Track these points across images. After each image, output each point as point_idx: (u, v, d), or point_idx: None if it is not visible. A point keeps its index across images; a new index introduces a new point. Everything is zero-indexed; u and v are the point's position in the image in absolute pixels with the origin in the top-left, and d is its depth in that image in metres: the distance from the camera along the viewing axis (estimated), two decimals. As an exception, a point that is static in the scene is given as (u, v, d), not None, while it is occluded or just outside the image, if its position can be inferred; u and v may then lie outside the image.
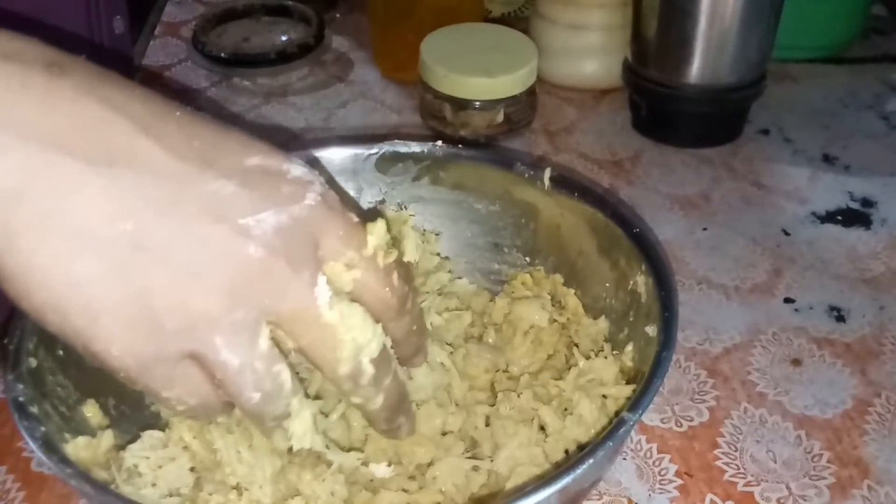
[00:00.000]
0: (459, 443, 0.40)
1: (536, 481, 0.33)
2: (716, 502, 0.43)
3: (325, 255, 0.31)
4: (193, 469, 0.38)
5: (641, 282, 0.42)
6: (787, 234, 0.59)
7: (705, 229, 0.59)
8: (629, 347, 0.42)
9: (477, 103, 0.63)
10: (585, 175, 0.64)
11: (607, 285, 0.45)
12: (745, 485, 0.44)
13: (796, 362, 0.50)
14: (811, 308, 0.53)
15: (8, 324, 0.37)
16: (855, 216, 0.60)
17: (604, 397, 0.40)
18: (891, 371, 0.49)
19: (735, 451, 0.45)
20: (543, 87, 0.70)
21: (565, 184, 0.46)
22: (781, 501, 0.43)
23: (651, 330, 0.40)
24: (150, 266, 0.28)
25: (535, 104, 0.67)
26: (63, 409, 0.36)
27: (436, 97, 0.64)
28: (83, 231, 0.27)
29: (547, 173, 0.46)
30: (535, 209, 0.48)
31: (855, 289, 0.55)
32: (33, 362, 0.36)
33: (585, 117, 0.70)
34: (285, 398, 0.31)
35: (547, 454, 0.39)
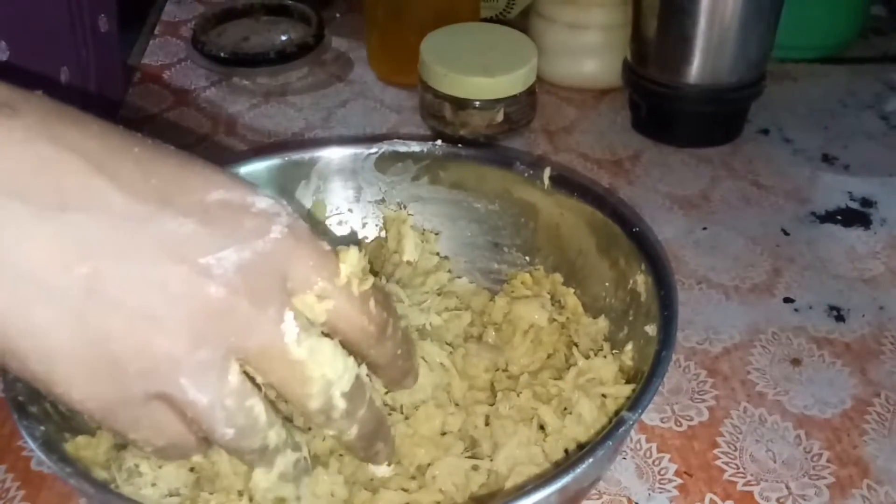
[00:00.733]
0: (459, 442, 0.40)
1: (536, 480, 0.33)
2: (715, 502, 0.43)
3: (296, 288, 0.30)
4: (193, 469, 0.38)
5: (641, 281, 0.42)
6: (787, 234, 0.59)
7: (705, 229, 0.59)
8: (629, 347, 0.42)
9: (477, 103, 0.63)
10: (585, 175, 0.64)
11: (607, 284, 0.45)
12: (745, 484, 0.44)
13: (796, 362, 0.50)
14: (811, 308, 0.53)
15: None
16: (854, 216, 0.60)
17: (603, 396, 0.40)
18: (890, 371, 0.49)
19: (735, 451, 0.45)
20: (543, 87, 0.71)
21: (565, 183, 0.46)
22: (781, 501, 0.43)
23: (651, 329, 0.40)
24: (107, 311, 0.27)
25: (535, 104, 0.67)
26: (62, 409, 0.36)
27: (435, 97, 0.64)
28: (36, 278, 0.26)
29: (546, 173, 0.46)
30: (535, 209, 0.48)
31: (854, 288, 0.55)
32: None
33: (585, 117, 0.70)
34: (261, 431, 0.31)
35: (546, 453, 0.39)
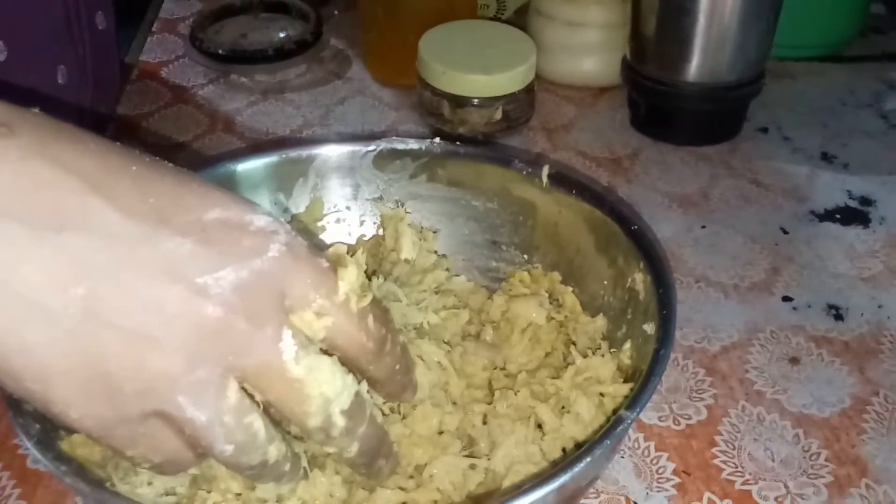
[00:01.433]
0: (456, 441, 0.40)
1: (534, 479, 0.33)
2: (713, 501, 0.43)
3: (294, 306, 0.30)
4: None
5: (639, 279, 0.42)
6: (786, 233, 0.59)
7: (704, 227, 0.59)
8: (627, 345, 0.42)
9: (475, 100, 0.63)
10: (584, 173, 0.64)
11: (605, 283, 0.45)
12: (743, 483, 0.43)
13: (794, 361, 0.50)
14: (809, 306, 0.53)
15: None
16: (853, 214, 0.60)
17: (601, 395, 0.40)
18: (889, 369, 0.49)
19: (733, 450, 0.45)
20: (542, 85, 0.70)
21: (563, 181, 0.46)
22: (779, 500, 0.43)
23: (649, 328, 0.40)
24: (103, 331, 0.27)
25: (534, 101, 0.67)
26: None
27: (434, 94, 0.64)
28: (32, 299, 0.27)
29: (545, 171, 0.46)
30: (533, 207, 0.48)
31: (853, 287, 0.55)
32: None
33: (584, 115, 0.70)
34: (260, 447, 0.31)
35: (544, 452, 0.39)
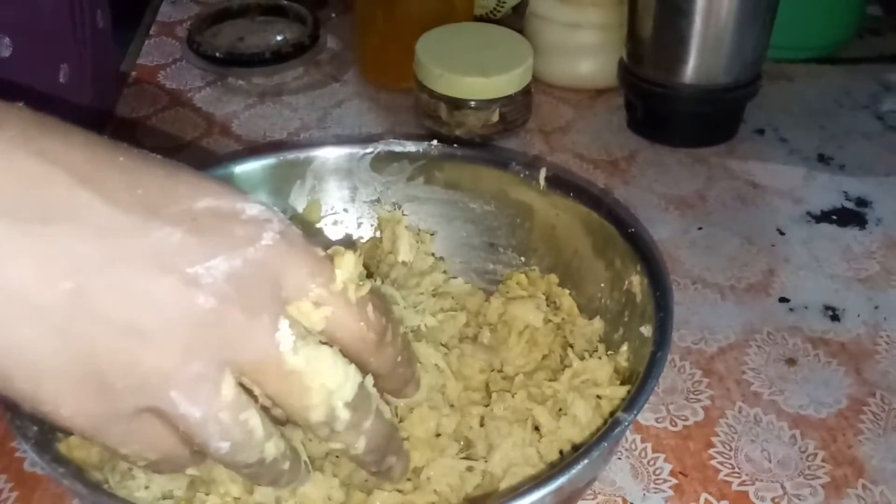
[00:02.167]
0: (454, 443, 0.40)
1: (531, 481, 0.33)
2: (710, 502, 0.43)
3: (291, 295, 0.29)
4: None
5: (636, 282, 0.42)
6: (783, 234, 0.59)
7: (700, 229, 0.59)
8: (624, 348, 0.42)
9: (472, 103, 0.63)
10: (581, 175, 0.64)
11: (602, 285, 0.45)
12: (740, 484, 0.44)
13: (791, 362, 0.50)
14: (806, 307, 0.53)
15: None
16: (850, 216, 0.60)
17: (598, 398, 0.40)
18: (885, 370, 0.49)
19: (730, 451, 0.45)
20: (539, 87, 0.70)
21: (560, 184, 0.46)
22: (776, 501, 0.43)
23: (646, 330, 0.40)
24: (93, 326, 0.27)
25: (531, 104, 0.67)
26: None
27: (431, 96, 0.64)
28: (19, 295, 0.26)
29: (542, 173, 0.46)
30: (531, 209, 0.48)
31: (850, 288, 0.55)
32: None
33: (581, 117, 0.70)
34: (257, 445, 0.30)
35: (541, 454, 0.39)
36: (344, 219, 0.50)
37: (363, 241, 0.51)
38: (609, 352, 0.43)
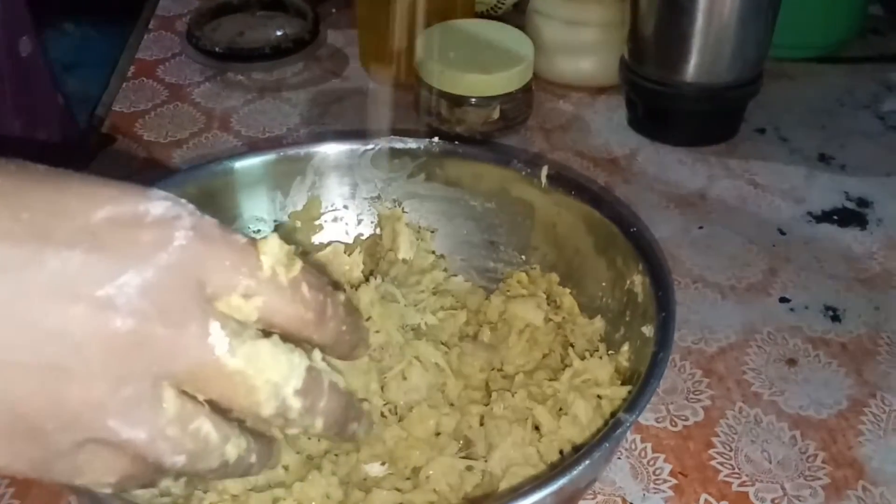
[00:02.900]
0: (453, 442, 0.40)
1: (531, 481, 0.33)
2: (710, 502, 0.43)
3: (217, 292, 0.27)
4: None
5: (638, 281, 0.41)
6: (783, 234, 0.59)
7: (701, 228, 0.59)
8: (625, 347, 0.42)
9: (473, 100, 0.63)
10: (581, 173, 0.64)
11: (603, 284, 0.45)
12: (740, 485, 0.43)
13: (791, 362, 0.50)
14: (806, 308, 0.53)
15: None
16: (851, 216, 0.60)
17: (599, 398, 0.40)
18: (886, 371, 0.49)
19: (730, 451, 0.45)
20: (540, 84, 0.70)
21: (562, 182, 0.46)
22: (776, 502, 0.43)
23: (647, 330, 0.39)
24: (6, 373, 0.24)
25: (532, 101, 0.67)
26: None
27: (432, 93, 0.64)
28: None
29: (544, 171, 0.46)
30: (532, 207, 0.47)
31: (850, 289, 0.55)
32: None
33: (582, 115, 0.70)
34: (215, 450, 0.28)
35: (541, 454, 0.39)
36: (344, 215, 0.50)
37: (363, 238, 0.50)
38: (610, 351, 0.43)
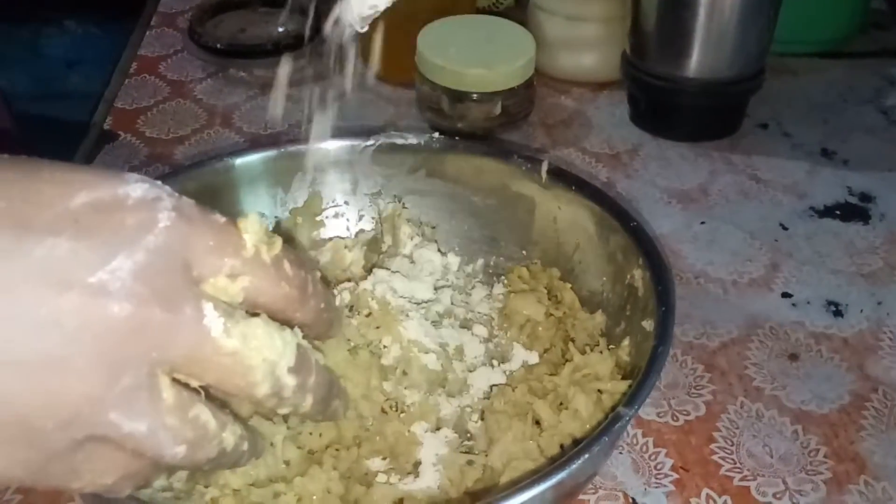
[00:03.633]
0: (454, 437, 0.40)
1: (531, 475, 0.33)
2: (711, 497, 0.43)
3: (203, 274, 0.27)
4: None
5: (639, 276, 0.41)
6: (785, 229, 0.59)
7: (703, 223, 0.59)
8: (626, 342, 0.42)
9: (474, 95, 0.63)
10: (583, 168, 0.64)
11: (604, 279, 0.45)
12: (742, 479, 0.43)
13: (793, 357, 0.50)
14: (809, 303, 0.53)
15: None
16: (853, 211, 0.60)
17: (599, 392, 0.40)
18: (888, 366, 0.49)
19: (731, 446, 0.45)
20: (541, 80, 0.70)
21: (563, 177, 0.46)
22: (778, 496, 0.43)
23: (648, 325, 0.39)
24: (1, 372, 0.24)
25: (533, 97, 0.67)
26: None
27: (433, 89, 0.64)
28: None
29: (544, 166, 0.46)
30: (533, 202, 0.47)
31: (853, 283, 0.54)
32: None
33: (583, 110, 0.70)
34: (214, 437, 0.28)
35: (542, 449, 0.39)
36: (345, 211, 0.50)
37: (364, 234, 0.50)
38: (610, 346, 0.43)
